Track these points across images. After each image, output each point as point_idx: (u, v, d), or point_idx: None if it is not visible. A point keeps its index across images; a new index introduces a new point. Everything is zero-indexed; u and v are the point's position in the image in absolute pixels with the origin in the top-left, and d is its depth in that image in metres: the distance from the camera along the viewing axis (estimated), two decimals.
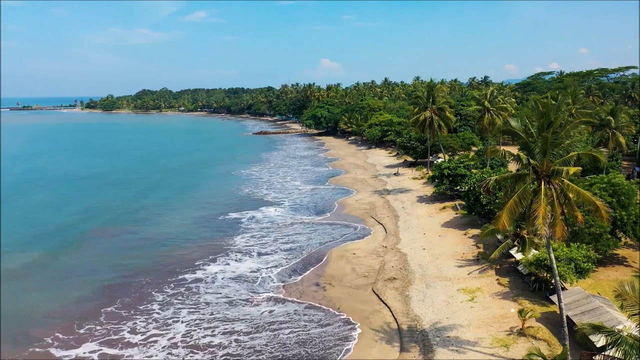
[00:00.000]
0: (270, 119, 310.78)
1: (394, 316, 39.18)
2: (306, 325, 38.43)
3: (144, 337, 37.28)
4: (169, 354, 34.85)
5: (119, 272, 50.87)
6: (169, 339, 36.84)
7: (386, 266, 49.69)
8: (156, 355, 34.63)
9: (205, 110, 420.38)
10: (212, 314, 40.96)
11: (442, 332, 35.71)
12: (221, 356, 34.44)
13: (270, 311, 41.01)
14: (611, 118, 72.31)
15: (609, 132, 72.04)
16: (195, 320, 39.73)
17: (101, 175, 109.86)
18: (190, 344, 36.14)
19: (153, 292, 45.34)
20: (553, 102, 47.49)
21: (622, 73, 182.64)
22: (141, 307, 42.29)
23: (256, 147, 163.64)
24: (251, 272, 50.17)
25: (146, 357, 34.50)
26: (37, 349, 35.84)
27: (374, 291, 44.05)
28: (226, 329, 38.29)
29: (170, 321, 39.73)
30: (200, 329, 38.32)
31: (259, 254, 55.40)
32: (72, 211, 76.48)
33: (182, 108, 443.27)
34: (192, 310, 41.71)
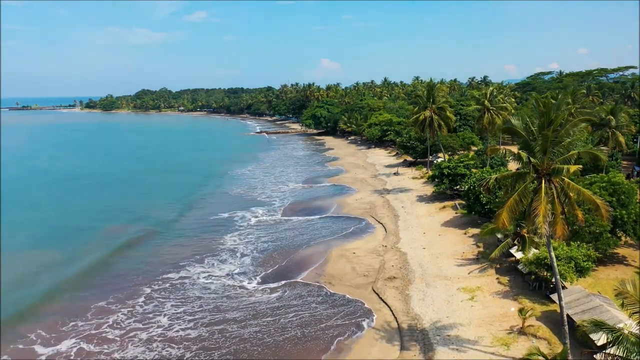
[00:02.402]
0: (269, 118, 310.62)
1: (394, 315, 39.18)
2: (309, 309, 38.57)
3: (123, 331, 38.17)
4: (147, 348, 35.62)
5: (112, 269, 51.66)
6: (148, 334, 37.72)
7: (386, 265, 49.68)
8: (134, 349, 35.52)
9: (205, 110, 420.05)
10: (201, 306, 42.13)
11: (442, 331, 35.70)
12: (196, 349, 35.33)
13: (266, 306, 41.18)
14: (611, 117, 72.40)
15: (608, 132, 72.13)
16: (190, 313, 40.19)
17: (101, 176, 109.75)
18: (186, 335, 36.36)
19: (144, 288, 46.21)
20: (553, 101, 47.49)
21: (621, 73, 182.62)
22: (130, 302, 43.21)
23: (256, 146, 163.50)
24: (245, 270, 50.31)
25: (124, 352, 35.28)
26: (20, 346, 36.57)
27: (374, 290, 44.04)
28: (215, 319, 39.39)
29: (152, 315, 40.75)
30: (184, 322, 38.91)
31: (254, 254, 55.42)
32: (77, 211, 76.91)
33: (182, 108, 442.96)
34: (180, 304, 42.46)
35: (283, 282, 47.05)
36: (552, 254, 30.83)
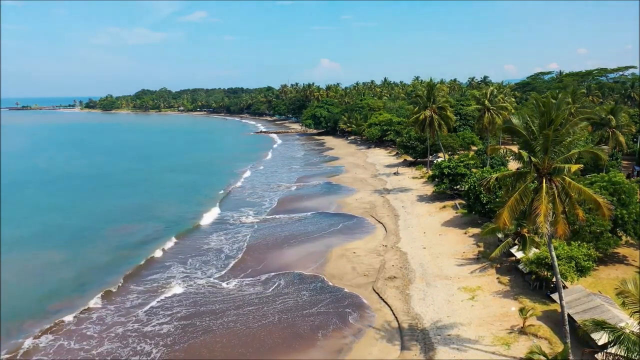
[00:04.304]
0: (269, 118, 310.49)
1: (394, 315, 39.16)
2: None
3: (104, 326, 38.89)
4: (124, 343, 36.41)
5: (103, 269, 51.94)
6: (124, 328, 38.74)
7: (386, 265, 49.65)
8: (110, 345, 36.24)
9: (205, 110, 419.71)
10: (181, 301, 42.95)
11: (442, 330, 35.68)
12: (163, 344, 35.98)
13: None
14: (612, 117, 72.43)
15: (609, 132, 72.16)
16: (169, 307, 40.46)
17: (100, 176, 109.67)
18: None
19: (132, 286, 46.82)
20: (553, 101, 47.51)
21: (621, 73, 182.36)
22: (117, 300, 43.92)
23: (256, 146, 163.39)
24: (243, 270, 50.38)
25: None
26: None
27: (374, 290, 44.02)
28: (189, 313, 40.28)
29: (134, 309, 41.89)
30: (164, 317, 39.11)
31: (252, 252, 55.45)
32: (77, 212, 76.83)
33: (182, 108, 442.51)
34: (163, 301, 43.51)
35: (283, 282, 47.20)
36: (553, 253, 30.79)
